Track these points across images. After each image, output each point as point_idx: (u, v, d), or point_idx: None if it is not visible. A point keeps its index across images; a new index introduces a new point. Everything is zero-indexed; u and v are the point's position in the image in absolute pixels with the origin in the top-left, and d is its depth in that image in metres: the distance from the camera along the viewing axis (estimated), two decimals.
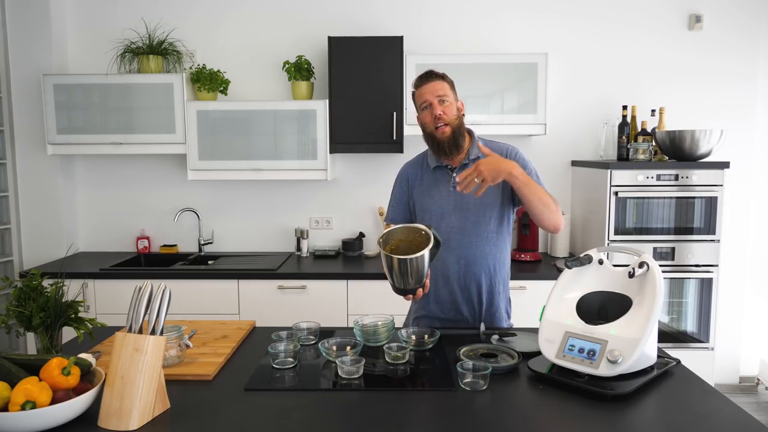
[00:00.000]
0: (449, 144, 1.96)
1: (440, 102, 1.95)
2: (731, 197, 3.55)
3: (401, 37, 3.25)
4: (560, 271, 1.72)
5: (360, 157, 3.64)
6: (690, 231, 3.14)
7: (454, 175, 1.99)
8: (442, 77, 2.00)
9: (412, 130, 3.20)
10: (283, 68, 3.45)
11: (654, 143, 3.28)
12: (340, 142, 3.30)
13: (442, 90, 1.97)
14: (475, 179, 1.74)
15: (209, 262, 3.47)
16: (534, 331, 1.82)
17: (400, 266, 1.75)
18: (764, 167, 3.64)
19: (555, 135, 3.58)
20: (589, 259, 1.67)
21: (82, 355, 1.41)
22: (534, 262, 3.38)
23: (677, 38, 3.53)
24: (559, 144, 3.62)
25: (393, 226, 1.88)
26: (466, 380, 1.50)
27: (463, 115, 2.03)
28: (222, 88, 3.46)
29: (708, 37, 3.53)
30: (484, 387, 1.48)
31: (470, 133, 2.07)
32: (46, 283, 1.72)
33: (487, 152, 1.85)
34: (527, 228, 3.42)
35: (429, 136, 1.99)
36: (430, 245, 1.75)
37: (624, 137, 3.35)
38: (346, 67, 3.25)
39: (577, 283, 1.67)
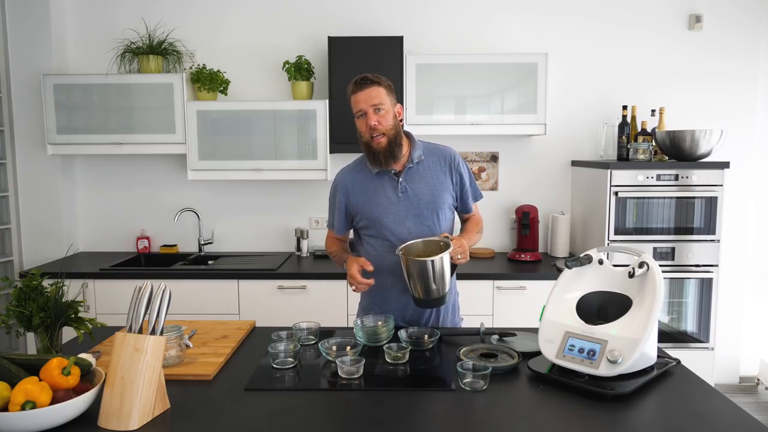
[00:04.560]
0: (385, 154, 1.95)
1: (375, 111, 1.92)
2: (731, 197, 3.55)
3: (401, 37, 3.25)
4: (560, 271, 1.72)
5: None
6: (690, 231, 3.14)
7: (401, 180, 2.00)
8: (378, 82, 1.94)
9: (411, 129, 3.19)
10: (283, 68, 3.45)
11: (654, 143, 3.28)
12: (340, 142, 3.30)
13: (378, 98, 1.92)
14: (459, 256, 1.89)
15: (209, 262, 3.47)
16: (534, 331, 1.83)
17: (421, 270, 1.78)
18: (764, 167, 3.64)
19: (555, 135, 3.58)
20: (589, 259, 1.67)
21: (82, 355, 1.42)
22: (534, 262, 3.38)
23: (677, 38, 3.53)
24: (559, 144, 3.62)
25: (410, 241, 1.91)
26: (466, 380, 1.50)
27: (401, 120, 2.02)
28: (222, 88, 3.46)
29: (708, 37, 3.53)
30: (484, 387, 1.48)
31: (409, 136, 2.07)
32: (46, 283, 1.72)
33: (454, 239, 1.88)
34: (527, 228, 3.42)
35: (365, 145, 1.98)
36: (450, 248, 1.81)
37: (624, 137, 3.35)
38: (346, 67, 3.25)
39: (577, 283, 1.67)
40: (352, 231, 2.18)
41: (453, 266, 1.90)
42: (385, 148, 1.95)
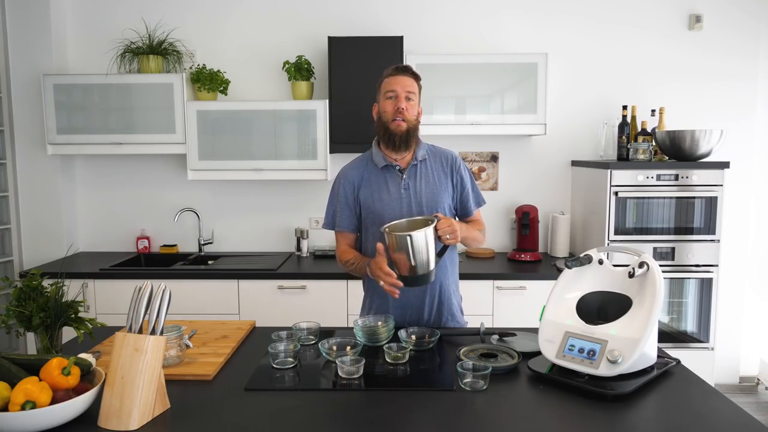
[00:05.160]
0: (401, 138, 1.99)
1: (407, 98, 1.98)
2: (731, 197, 3.55)
3: (401, 37, 3.25)
4: (560, 271, 1.73)
5: None
6: (690, 231, 3.14)
7: (404, 176, 2.02)
8: (417, 78, 2.02)
9: None
10: (283, 68, 3.45)
11: (654, 143, 3.28)
12: (340, 142, 3.30)
13: (413, 88, 2.00)
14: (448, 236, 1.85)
15: (209, 262, 3.47)
16: (534, 331, 1.83)
17: (402, 245, 1.76)
18: (764, 167, 3.64)
19: (555, 135, 3.58)
20: (589, 259, 1.67)
21: (82, 355, 1.41)
22: (534, 262, 3.37)
23: (677, 38, 3.54)
24: (559, 144, 3.62)
25: (396, 221, 1.90)
26: (466, 380, 1.50)
27: (419, 121, 2.06)
28: (222, 88, 3.46)
29: (708, 37, 3.53)
30: (484, 387, 1.48)
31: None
32: (46, 283, 1.72)
33: (442, 218, 1.87)
34: (527, 228, 3.42)
35: (383, 126, 2.01)
36: (433, 224, 1.80)
37: (624, 137, 3.35)
38: (346, 67, 3.25)
39: (577, 283, 1.67)
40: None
41: (444, 248, 1.89)
42: (404, 133, 1.98)
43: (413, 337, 1.81)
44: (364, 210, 2.05)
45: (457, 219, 2.14)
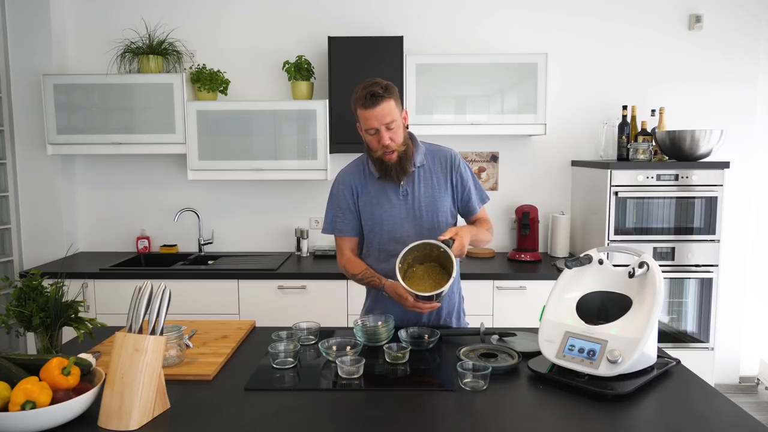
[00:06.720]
0: (396, 170, 1.95)
1: (388, 128, 1.87)
2: (731, 197, 3.55)
3: (401, 37, 3.25)
4: (560, 271, 1.72)
5: None
6: (690, 231, 3.14)
7: (402, 183, 1.99)
8: (389, 96, 1.85)
9: (411, 130, 3.19)
10: (283, 68, 3.45)
11: (654, 143, 3.28)
12: (340, 142, 3.30)
13: (390, 114, 1.85)
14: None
15: (209, 262, 3.47)
16: (534, 331, 1.83)
17: (428, 297, 1.81)
18: (764, 167, 3.64)
19: (555, 135, 3.58)
20: (589, 259, 1.67)
21: (82, 355, 1.41)
22: (534, 262, 3.37)
23: (677, 38, 3.53)
24: (559, 144, 3.62)
25: (405, 248, 1.82)
26: (466, 380, 1.50)
27: (407, 126, 1.99)
28: (222, 88, 3.46)
29: (708, 36, 3.53)
30: (484, 387, 1.48)
31: (412, 138, 2.02)
32: (46, 283, 1.72)
33: (452, 236, 1.83)
34: (527, 228, 3.42)
35: (377, 160, 1.95)
36: (454, 274, 1.81)
37: (624, 137, 3.35)
38: (346, 67, 3.25)
39: (577, 283, 1.67)
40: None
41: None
42: (396, 164, 1.94)
43: (413, 337, 1.81)
44: (364, 216, 2.03)
45: (458, 216, 2.12)
